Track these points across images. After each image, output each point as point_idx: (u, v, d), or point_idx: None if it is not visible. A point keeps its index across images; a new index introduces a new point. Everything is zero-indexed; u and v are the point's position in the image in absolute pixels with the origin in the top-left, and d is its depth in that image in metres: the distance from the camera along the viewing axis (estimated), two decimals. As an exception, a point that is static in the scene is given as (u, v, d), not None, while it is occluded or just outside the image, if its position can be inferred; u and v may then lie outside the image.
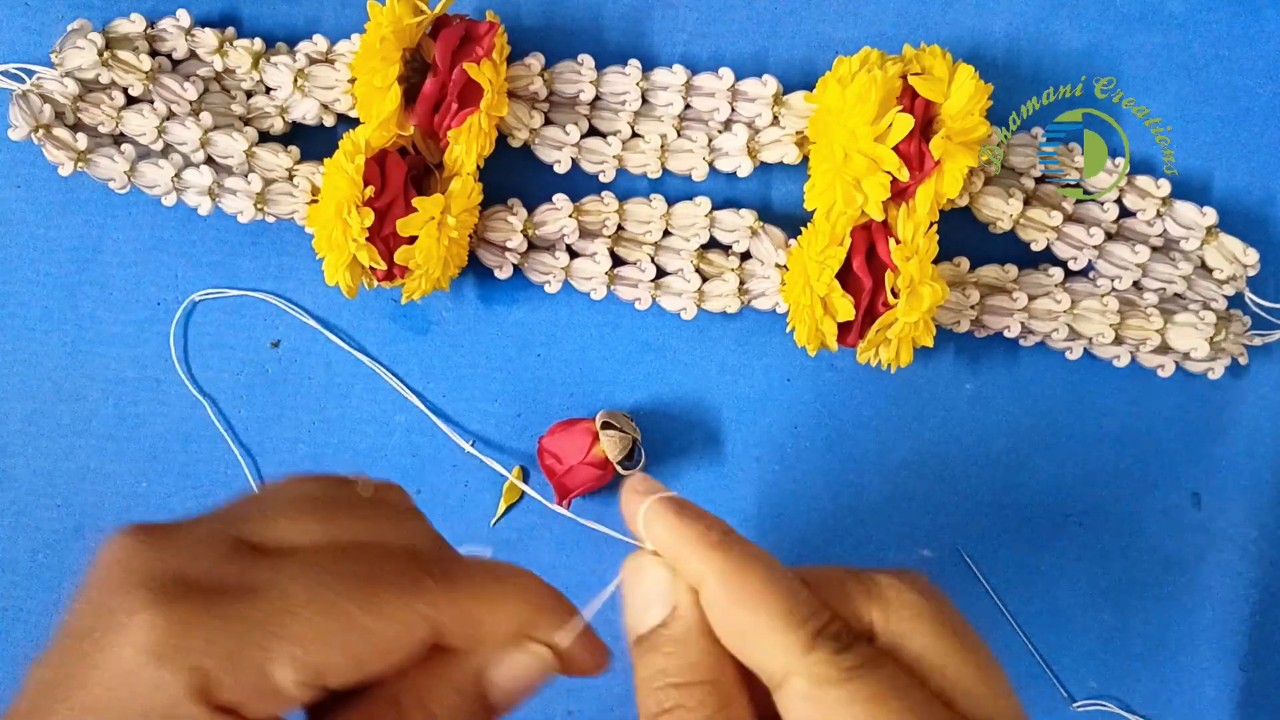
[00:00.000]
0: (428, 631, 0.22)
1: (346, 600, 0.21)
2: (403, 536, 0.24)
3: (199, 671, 0.20)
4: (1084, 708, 0.46)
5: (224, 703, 0.20)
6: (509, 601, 0.23)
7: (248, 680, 0.20)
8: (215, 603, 0.20)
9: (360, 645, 0.21)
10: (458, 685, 0.23)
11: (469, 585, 0.23)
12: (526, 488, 0.46)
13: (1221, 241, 0.44)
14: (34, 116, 0.44)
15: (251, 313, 0.48)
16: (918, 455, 0.46)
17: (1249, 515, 0.46)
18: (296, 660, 0.20)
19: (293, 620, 0.20)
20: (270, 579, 0.21)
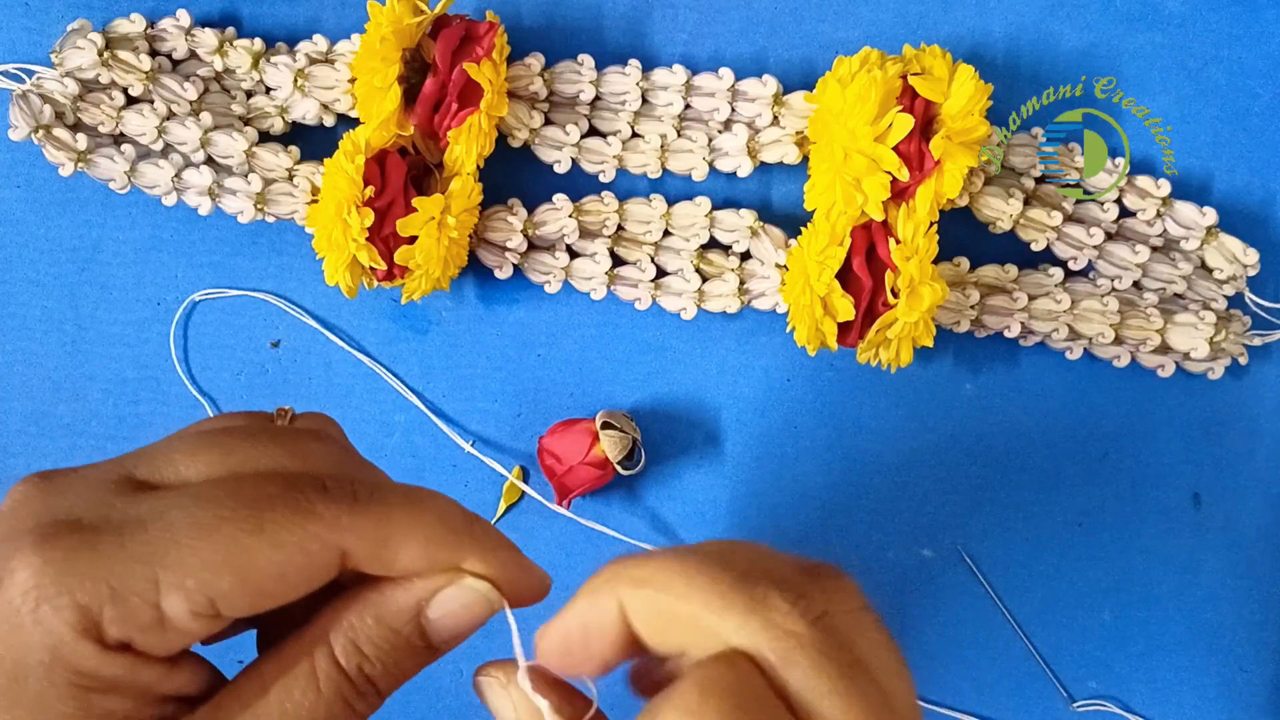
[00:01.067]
0: (332, 557, 0.21)
1: (232, 524, 0.20)
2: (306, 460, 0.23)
3: (83, 609, 0.19)
4: (1084, 708, 0.46)
5: (115, 639, 0.20)
6: (422, 522, 0.22)
7: (137, 614, 0.19)
8: (97, 539, 0.20)
9: (252, 571, 0.20)
10: (390, 622, 0.22)
11: (375, 507, 0.22)
12: (526, 488, 0.46)
13: (1221, 241, 0.44)
14: (34, 117, 0.44)
15: (251, 313, 0.48)
16: (918, 455, 0.46)
17: (1249, 515, 0.46)
18: (185, 591, 0.20)
19: (177, 550, 0.20)
20: (155, 511, 0.20)
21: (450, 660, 0.49)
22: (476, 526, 0.23)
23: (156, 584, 0.20)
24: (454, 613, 0.23)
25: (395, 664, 0.23)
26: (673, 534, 0.46)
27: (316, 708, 0.21)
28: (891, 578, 0.46)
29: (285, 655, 0.22)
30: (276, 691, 0.21)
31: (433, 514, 0.22)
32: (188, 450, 0.22)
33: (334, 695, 0.22)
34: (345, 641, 0.22)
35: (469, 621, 0.23)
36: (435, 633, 0.23)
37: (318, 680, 0.21)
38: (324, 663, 0.22)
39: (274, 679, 0.21)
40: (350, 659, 0.22)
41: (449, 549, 0.22)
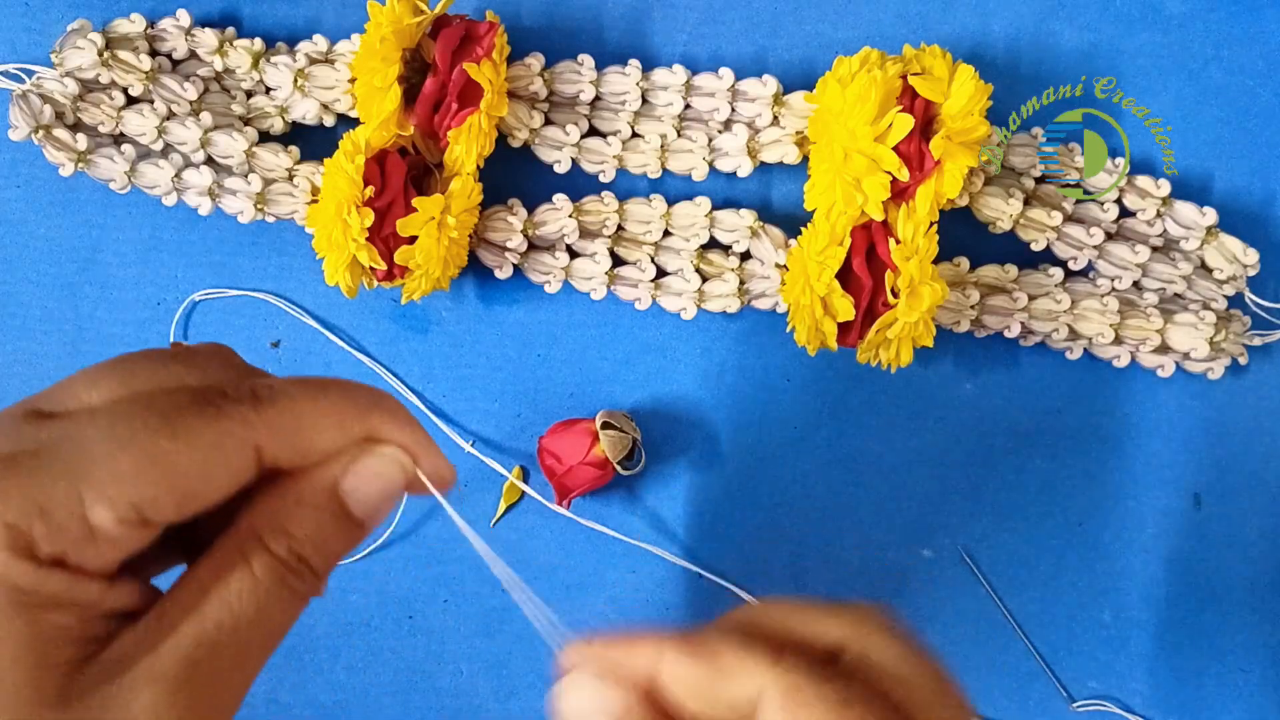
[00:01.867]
0: (247, 454, 0.22)
1: (147, 431, 0.21)
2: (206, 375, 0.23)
3: (11, 528, 0.19)
4: (1084, 708, 0.46)
5: (48, 554, 0.20)
6: (330, 408, 0.23)
7: (65, 528, 0.20)
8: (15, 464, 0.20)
9: (174, 475, 0.21)
10: (312, 503, 0.23)
11: (280, 399, 0.22)
12: (526, 488, 0.46)
13: (1221, 241, 0.44)
14: (34, 117, 0.44)
15: (251, 313, 0.48)
16: (918, 455, 0.46)
17: (1249, 515, 0.46)
18: (108, 500, 0.20)
19: (96, 462, 0.20)
20: (70, 432, 0.21)
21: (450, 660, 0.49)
22: (385, 401, 0.24)
23: (80, 497, 0.20)
24: (369, 481, 0.23)
25: (324, 540, 0.23)
26: (673, 534, 0.46)
27: (256, 593, 0.22)
28: (891, 578, 0.46)
29: (216, 554, 0.22)
30: (215, 587, 0.22)
31: (337, 394, 0.23)
32: (87, 380, 0.23)
33: (270, 578, 0.22)
34: (272, 528, 0.22)
35: (384, 488, 0.24)
36: (356, 504, 0.23)
37: (251, 568, 0.22)
38: (256, 551, 0.22)
39: (211, 578, 0.22)
40: (278, 543, 0.22)
41: (359, 424, 0.23)
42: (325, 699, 0.47)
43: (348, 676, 0.47)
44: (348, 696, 0.47)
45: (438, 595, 0.47)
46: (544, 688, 0.47)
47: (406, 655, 0.47)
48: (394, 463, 0.24)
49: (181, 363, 0.23)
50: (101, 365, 0.23)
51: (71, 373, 0.42)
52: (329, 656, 0.47)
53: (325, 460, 0.23)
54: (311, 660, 0.47)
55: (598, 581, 0.47)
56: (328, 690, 0.47)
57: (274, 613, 0.22)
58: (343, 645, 0.47)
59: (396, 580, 0.47)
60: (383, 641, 0.47)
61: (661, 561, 0.46)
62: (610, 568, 0.47)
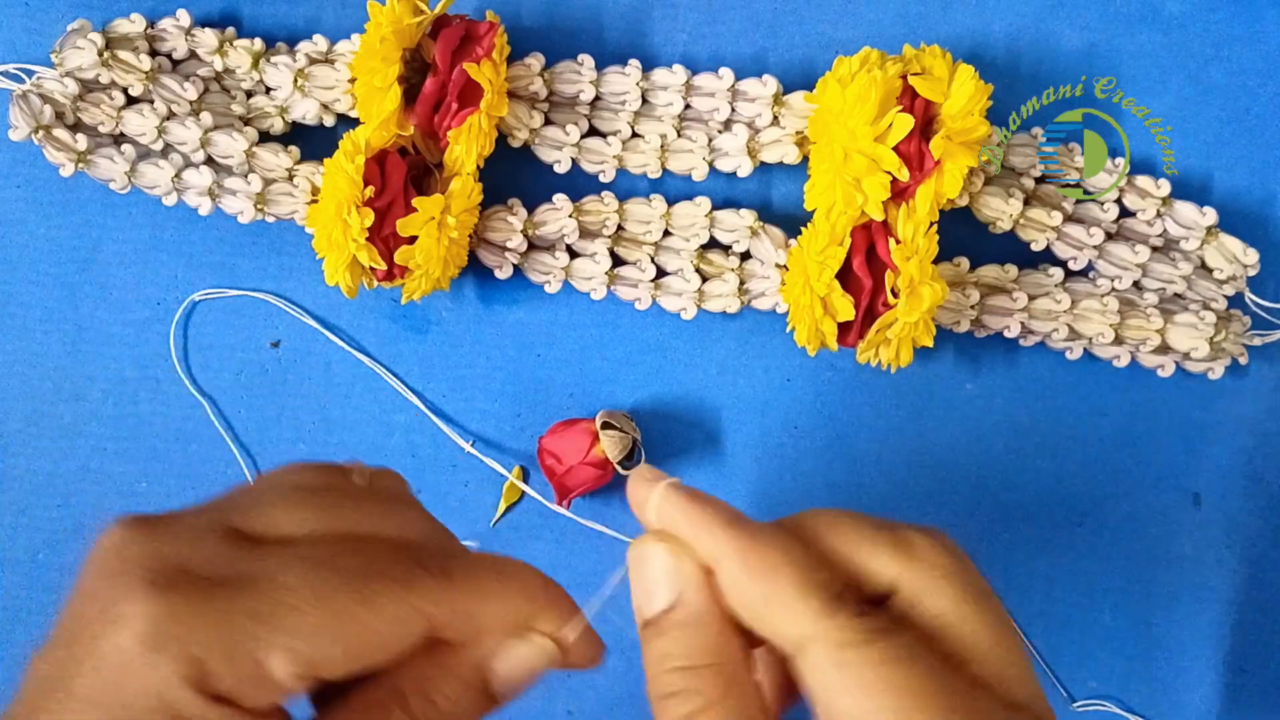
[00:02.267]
0: (424, 626, 0.22)
1: (343, 593, 0.21)
2: (399, 526, 0.24)
3: (194, 661, 0.20)
4: (1084, 708, 0.46)
5: (219, 692, 0.20)
6: (507, 597, 0.23)
7: (243, 670, 0.20)
8: (211, 592, 0.20)
9: (356, 639, 0.21)
10: (460, 675, 0.23)
11: (467, 580, 0.23)
12: (526, 488, 0.46)
13: (1221, 241, 0.44)
14: (34, 117, 0.44)
15: (251, 313, 0.48)
16: (918, 455, 0.46)
17: (1249, 515, 0.46)
18: (292, 652, 0.20)
19: (288, 612, 0.21)
20: (266, 569, 0.21)
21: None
22: (554, 593, 0.25)
23: (264, 644, 0.20)
24: (517, 665, 0.24)
25: (461, 713, 0.23)
26: (673, 534, 0.46)
27: None
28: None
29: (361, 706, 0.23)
30: None
31: (517, 588, 0.24)
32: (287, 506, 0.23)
33: None
34: (419, 695, 0.23)
35: (529, 676, 0.24)
36: (498, 684, 0.24)
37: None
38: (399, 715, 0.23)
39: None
40: (423, 711, 0.23)
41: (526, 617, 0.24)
42: (325, 699, 0.47)
43: (348, 676, 0.47)
44: (348, 696, 0.47)
45: (438, 595, 0.47)
46: (544, 687, 0.47)
47: (406, 655, 0.47)
48: (545, 654, 0.24)
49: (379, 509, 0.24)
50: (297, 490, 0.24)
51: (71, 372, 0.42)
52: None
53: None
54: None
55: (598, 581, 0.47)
56: (328, 690, 0.47)
57: None
58: (343, 645, 0.47)
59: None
60: (383, 641, 0.47)
61: (661, 561, 0.46)
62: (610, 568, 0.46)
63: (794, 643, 0.22)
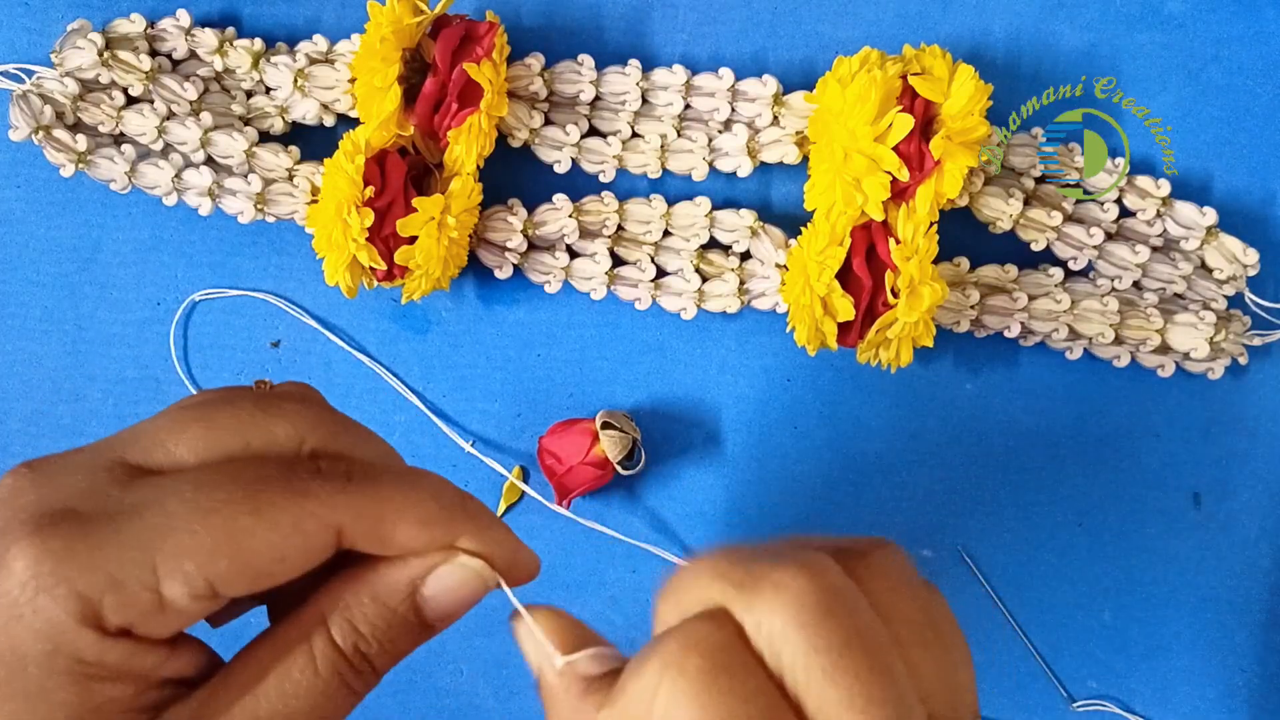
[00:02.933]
0: (327, 535, 0.21)
1: (229, 507, 0.20)
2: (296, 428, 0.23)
3: (83, 598, 0.19)
4: (1084, 708, 0.46)
5: (115, 625, 0.20)
6: (413, 501, 0.22)
7: (137, 601, 0.20)
8: (94, 527, 0.20)
9: (250, 553, 0.20)
10: (385, 600, 0.22)
11: (369, 485, 0.22)
12: (526, 488, 0.46)
13: (1221, 241, 0.44)
14: (34, 117, 0.44)
15: (251, 313, 0.48)
16: (918, 455, 0.46)
17: (1249, 515, 0.46)
18: (183, 574, 0.20)
19: (174, 534, 0.20)
20: (152, 497, 0.21)
21: (450, 660, 0.49)
22: (470, 504, 0.23)
23: (155, 569, 0.20)
24: (449, 590, 0.23)
25: (391, 642, 0.23)
26: (673, 534, 0.46)
27: (314, 687, 0.22)
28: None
29: (282, 636, 0.22)
30: (274, 673, 0.21)
31: (426, 492, 0.23)
32: (176, 429, 0.22)
33: (331, 675, 0.22)
34: (342, 621, 0.22)
35: (464, 599, 0.23)
36: (430, 610, 0.23)
37: (315, 660, 0.22)
38: (321, 643, 0.22)
39: (271, 660, 0.22)
40: (347, 639, 0.22)
41: (443, 527, 0.23)
42: (325, 699, 0.47)
43: (348, 676, 0.47)
44: (348, 696, 0.47)
45: (438, 595, 0.47)
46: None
47: (406, 655, 0.47)
48: (477, 577, 0.23)
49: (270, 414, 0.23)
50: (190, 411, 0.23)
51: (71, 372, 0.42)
52: (329, 656, 0.47)
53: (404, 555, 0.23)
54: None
55: (598, 581, 0.47)
56: (328, 690, 0.47)
57: (327, 710, 0.22)
58: (343, 645, 0.47)
59: (396, 580, 0.47)
60: (383, 641, 0.47)
61: (661, 561, 0.46)
62: (610, 568, 0.47)
63: None
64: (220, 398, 0.24)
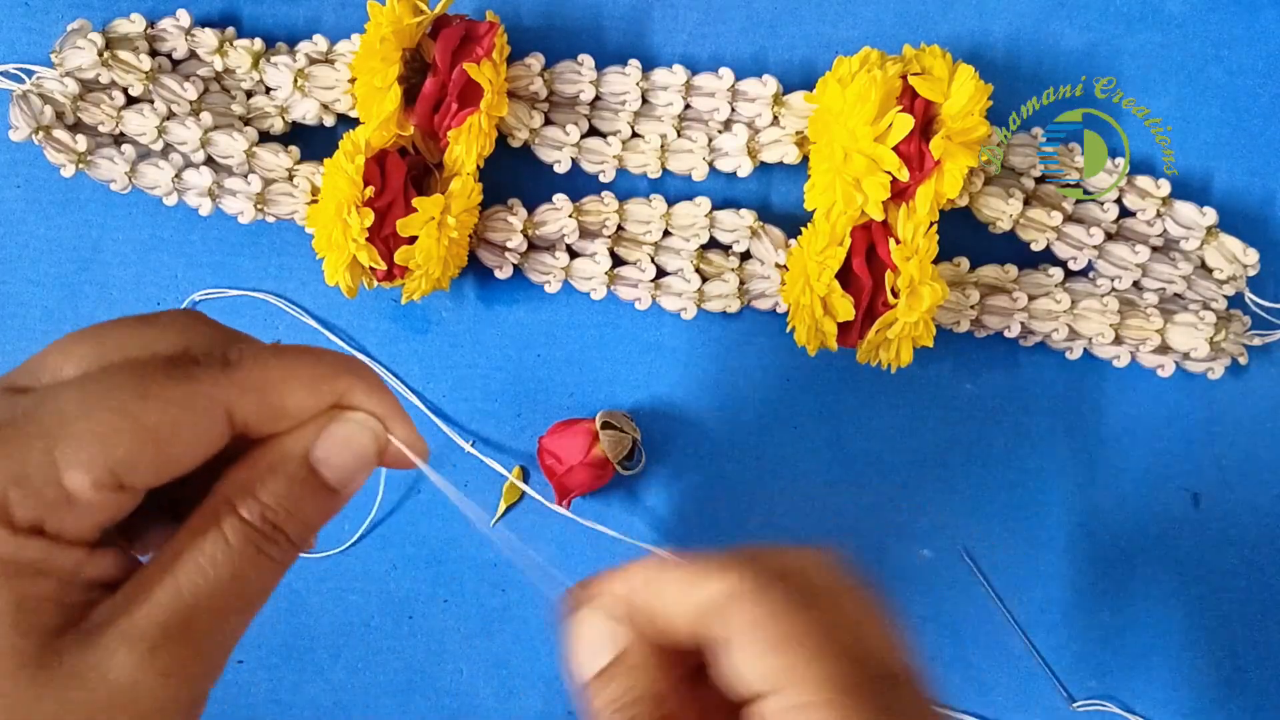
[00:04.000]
0: (217, 415, 0.22)
1: (117, 395, 0.21)
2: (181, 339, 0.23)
3: None
4: (1084, 708, 0.46)
5: (25, 521, 0.20)
6: (302, 370, 0.23)
7: (40, 493, 0.20)
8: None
9: (148, 438, 0.21)
10: (284, 470, 0.23)
11: (248, 361, 0.22)
12: (526, 488, 0.46)
13: (1221, 241, 0.44)
14: (34, 117, 0.44)
15: (251, 313, 0.48)
16: (917, 455, 0.46)
17: (1249, 515, 0.46)
18: (84, 464, 0.20)
19: (69, 427, 0.20)
20: (41, 400, 0.21)
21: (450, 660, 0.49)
22: (353, 365, 0.24)
23: (55, 462, 0.20)
24: (340, 446, 0.23)
25: (297, 507, 0.23)
26: (673, 534, 0.46)
27: (230, 559, 0.22)
28: (891, 578, 0.46)
29: (191, 524, 0.23)
30: (190, 554, 0.22)
31: (308, 358, 0.23)
32: (60, 351, 0.23)
33: (244, 545, 0.22)
34: (245, 497, 0.23)
35: (357, 455, 0.24)
36: (329, 471, 0.23)
37: (225, 535, 0.22)
38: (229, 518, 0.22)
39: (186, 544, 0.22)
40: (252, 510, 0.23)
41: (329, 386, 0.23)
42: (325, 699, 0.47)
43: (348, 676, 0.47)
44: (348, 696, 0.47)
45: (437, 595, 0.47)
46: (544, 688, 0.47)
47: (406, 655, 0.47)
48: (365, 430, 0.24)
49: (153, 328, 0.23)
50: (73, 335, 0.23)
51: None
52: (329, 656, 0.47)
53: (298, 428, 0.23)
54: (311, 660, 0.47)
55: (598, 581, 0.47)
56: (328, 690, 0.47)
57: (250, 578, 0.22)
58: (343, 645, 0.47)
59: (396, 580, 0.47)
60: (383, 641, 0.47)
61: (661, 561, 0.46)
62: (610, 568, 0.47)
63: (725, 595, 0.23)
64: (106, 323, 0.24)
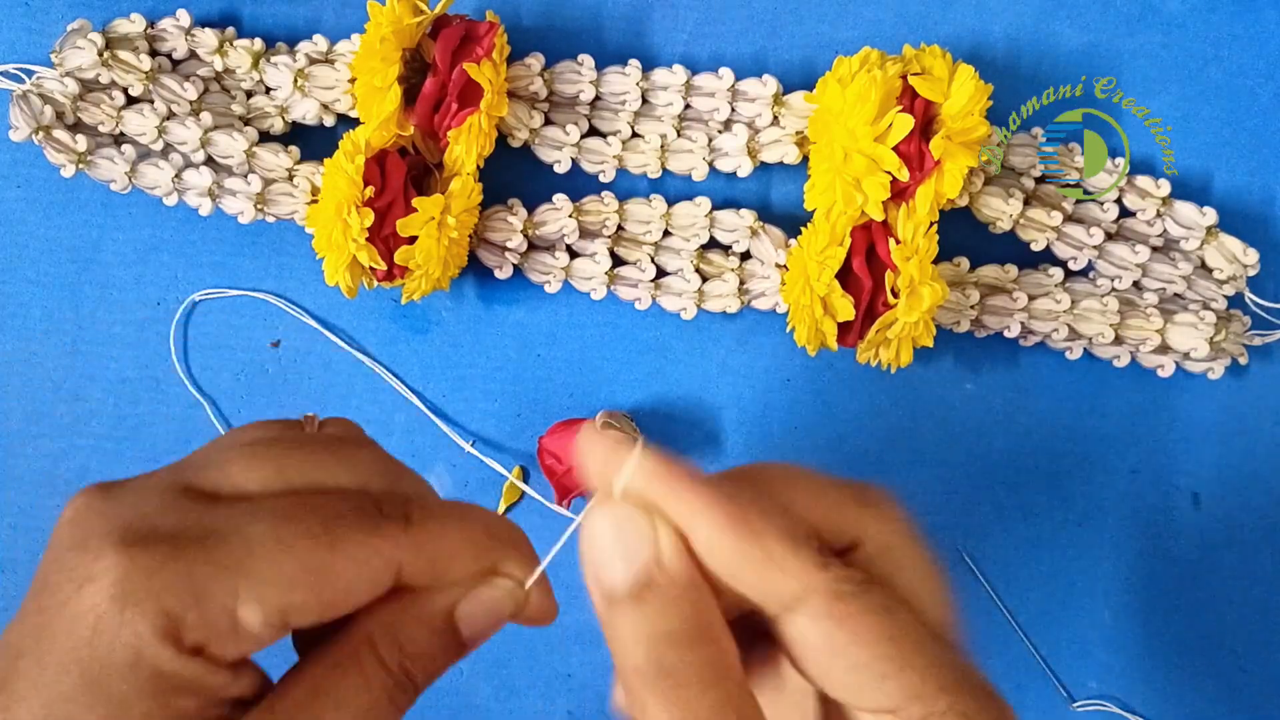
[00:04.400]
0: (390, 570, 0.22)
1: (308, 539, 0.21)
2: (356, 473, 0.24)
3: (167, 614, 0.20)
4: (1084, 708, 0.46)
5: (192, 643, 0.20)
6: (470, 538, 0.24)
7: (214, 621, 0.20)
8: (179, 546, 0.21)
9: (324, 585, 0.21)
10: (427, 621, 0.23)
11: (429, 523, 0.23)
12: (526, 488, 0.46)
13: (1221, 241, 0.44)
14: (34, 117, 0.44)
15: (251, 313, 0.48)
16: (918, 455, 0.46)
17: (1249, 515, 0.46)
18: (262, 601, 0.21)
19: (256, 561, 0.21)
20: (230, 523, 0.21)
21: (450, 660, 0.48)
22: (518, 538, 0.25)
23: (236, 593, 0.20)
24: (484, 609, 0.24)
25: (432, 659, 0.23)
26: (673, 534, 0.46)
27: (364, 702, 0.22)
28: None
29: (332, 656, 0.23)
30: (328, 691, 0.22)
31: (480, 527, 0.24)
32: (244, 462, 0.23)
33: (380, 692, 0.23)
34: (389, 641, 0.23)
35: (497, 618, 0.24)
36: (466, 628, 0.24)
37: (366, 678, 0.22)
38: (370, 662, 0.23)
39: (324, 679, 0.22)
40: (393, 656, 0.23)
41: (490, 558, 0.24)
42: (325, 699, 0.47)
43: (348, 676, 0.47)
44: (348, 696, 0.47)
45: (438, 595, 0.47)
46: (544, 688, 0.47)
47: (406, 655, 0.47)
48: (510, 597, 0.24)
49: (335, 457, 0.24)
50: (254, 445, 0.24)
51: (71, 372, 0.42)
52: (329, 656, 0.47)
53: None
54: (311, 660, 0.47)
55: (598, 581, 0.47)
56: (328, 690, 0.47)
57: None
58: (343, 645, 0.47)
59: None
60: (383, 641, 0.47)
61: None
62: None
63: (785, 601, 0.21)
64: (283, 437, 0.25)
